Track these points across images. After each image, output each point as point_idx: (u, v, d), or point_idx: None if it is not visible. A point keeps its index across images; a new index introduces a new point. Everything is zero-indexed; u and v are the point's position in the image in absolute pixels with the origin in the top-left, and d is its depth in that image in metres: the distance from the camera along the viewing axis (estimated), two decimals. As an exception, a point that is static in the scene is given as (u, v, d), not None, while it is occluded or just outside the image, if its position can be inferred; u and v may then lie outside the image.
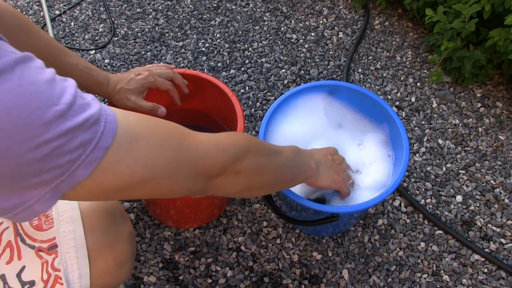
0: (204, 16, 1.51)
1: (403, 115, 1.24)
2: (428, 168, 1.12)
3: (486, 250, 0.98)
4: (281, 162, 0.66)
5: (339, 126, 0.95)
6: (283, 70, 1.34)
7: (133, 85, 0.85)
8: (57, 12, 1.51)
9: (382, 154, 0.90)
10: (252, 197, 0.99)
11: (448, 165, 1.13)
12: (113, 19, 1.50)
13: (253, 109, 1.24)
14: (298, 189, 0.85)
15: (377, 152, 0.90)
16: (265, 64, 1.35)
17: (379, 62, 1.37)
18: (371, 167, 0.89)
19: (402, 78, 1.32)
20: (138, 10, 1.53)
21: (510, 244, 0.99)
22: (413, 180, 1.10)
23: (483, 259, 0.97)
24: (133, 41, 1.42)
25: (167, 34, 1.44)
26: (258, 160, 0.60)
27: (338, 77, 1.33)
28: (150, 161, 0.44)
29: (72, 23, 1.48)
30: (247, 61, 1.37)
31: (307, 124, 0.94)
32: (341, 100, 0.95)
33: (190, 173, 0.50)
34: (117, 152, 0.40)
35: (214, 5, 1.54)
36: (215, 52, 1.39)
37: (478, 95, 1.28)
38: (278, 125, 0.93)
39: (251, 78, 1.32)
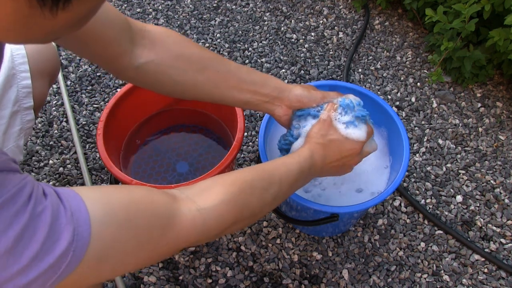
0: (204, 16, 1.51)
1: (403, 115, 1.24)
2: (428, 168, 1.12)
3: (486, 250, 0.98)
4: (272, 203, 0.60)
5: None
6: (283, 70, 1.34)
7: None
8: (57, 12, 1.51)
9: (380, 165, 0.90)
10: None
11: (448, 165, 1.13)
12: (113, 19, 1.50)
13: (253, 109, 1.24)
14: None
15: (374, 162, 0.90)
16: (265, 64, 1.35)
17: (379, 62, 1.37)
18: (366, 176, 0.89)
19: (402, 78, 1.32)
20: (138, 10, 1.53)
21: (510, 244, 0.99)
22: (413, 180, 1.10)
23: (483, 259, 0.97)
24: (133, 41, 1.42)
25: (167, 34, 1.44)
26: (245, 223, 0.57)
27: (338, 77, 1.33)
28: (122, 268, 0.43)
29: (72, 23, 1.48)
30: (247, 61, 1.37)
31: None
32: (341, 100, 0.95)
33: (167, 255, 0.49)
34: (85, 270, 0.39)
35: (214, 5, 1.54)
36: (215, 52, 1.39)
37: (478, 95, 1.28)
38: (278, 125, 0.93)
39: (251, 78, 1.32)
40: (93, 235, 0.39)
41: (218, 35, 1.44)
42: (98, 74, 1.33)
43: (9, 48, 0.76)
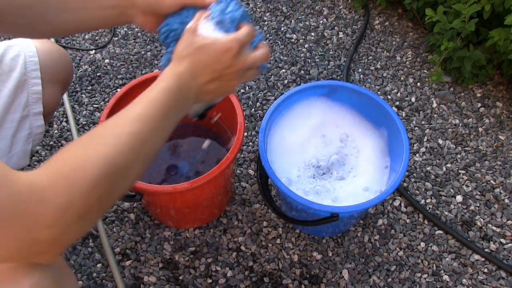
0: (204, 16, 1.50)
1: (403, 115, 1.24)
2: (428, 168, 1.12)
3: (486, 250, 0.98)
4: (138, 143, 0.48)
5: (338, 127, 0.95)
6: (283, 70, 1.34)
7: None
8: (57, 12, 1.51)
9: (380, 165, 0.90)
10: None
11: (448, 165, 1.13)
12: (113, 19, 1.50)
13: (253, 109, 1.24)
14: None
15: (374, 162, 0.90)
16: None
17: (379, 62, 1.37)
18: (366, 176, 0.89)
19: (402, 78, 1.32)
20: (138, 10, 1.53)
21: (510, 244, 0.99)
22: (413, 180, 1.10)
23: (483, 259, 0.97)
24: (133, 41, 1.42)
25: (167, 34, 1.44)
26: (112, 178, 0.45)
27: (338, 77, 1.33)
28: None
29: (72, 23, 1.48)
30: (247, 61, 1.37)
31: (307, 124, 0.94)
32: (341, 100, 0.96)
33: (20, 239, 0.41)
34: None
35: (214, 5, 1.54)
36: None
37: (478, 95, 1.28)
38: (278, 125, 0.93)
39: (251, 78, 1.32)
40: None
41: (218, 35, 1.44)
42: (98, 74, 1.33)
43: (22, 55, 0.78)
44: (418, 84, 1.31)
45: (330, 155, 0.92)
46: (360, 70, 1.34)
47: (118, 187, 0.48)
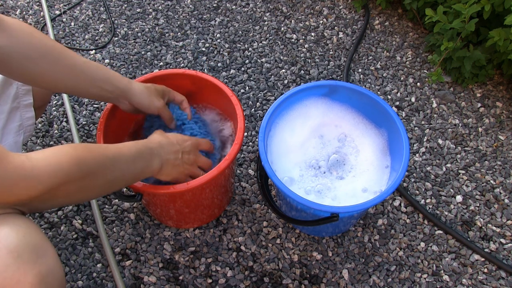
0: (204, 16, 1.51)
1: (403, 115, 1.24)
2: (428, 168, 1.12)
3: (486, 250, 0.98)
4: (113, 177, 0.66)
5: (338, 127, 0.95)
6: (283, 70, 1.34)
7: (160, 88, 0.88)
8: (57, 12, 1.51)
9: (380, 164, 0.90)
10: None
11: (448, 165, 1.13)
12: (113, 19, 1.50)
13: (253, 109, 1.24)
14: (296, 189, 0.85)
15: (374, 161, 0.90)
16: (265, 64, 1.35)
17: (379, 62, 1.37)
18: (366, 176, 0.89)
19: (402, 78, 1.32)
20: (138, 10, 1.53)
21: (510, 244, 0.99)
22: (413, 180, 1.10)
23: (483, 259, 0.97)
24: (133, 41, 1.42)
25: (167, 34, 1.44)
26: (83, 183, 0.60)
27: (338, 77, 1.33)
28: None
29: (72, 23, 1.48)
30: (247, 61, 1.37)
31: (307, 124, 0.94)
32: (341, 100, 0.96)
33: (2, 200, 0.50)
34: None
35: (214, 5, 1.54)
36: (215, 52, 1.39)
37: (478, 95, 1.28)
38: (278, 125, 0.93)
39: (251, 78, 1.32)
40: None
41: (218, 35, 1.44)
42: (98, 74, 1.33)
43: None
44: (418, 84, 1.31)
45: (330, 154, 0.92)
46: (360, 70, 1.35)
47: (83, 187, 0.61)
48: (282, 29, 1.47)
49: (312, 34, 1.45)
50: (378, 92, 1.29)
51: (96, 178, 0.62)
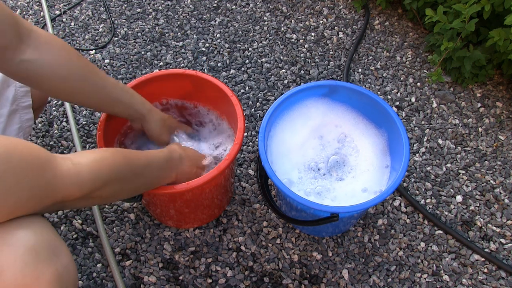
0: (204, 16, 1.51)
1: (403, 115, 1.24)
2: (428, 168, 1.12)
3: (486, 250, 0.98)
4: (141, 183, 0.71)
5: (338, 127, 0.95)
6: (283, 70, 1.34)
7: (174, 123, 0.95)
8: (57, 12, 1.51)
9: (380, 164, 0.90)
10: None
11: (448, 165, 1.13)
12: (113, 19, 1.50)
13: (253, 109, 1.24)
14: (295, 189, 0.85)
15: (374, 161, 0.90)
16: (265, 64, 1.35)
17: (379, 62, 1.37)
18: (366, 176, 0.89)
19: (402, 78, 1.32)
20: (138, 10, 1.53)
21: (510, 244, 0.99)
22: (413, 180, 1.10)
23: (483, 259, 0.97)
24: (133, 41, 1.42)
25: (167, 34, 1.44)
26: (116, 187, 0.65)
27: (338, 77, 1.33)
28: (2, 205, 0.47)
29: (72, 23, 1.48)
30: (247, 61, 1.37)
31: (307, 124, 0.94)
32: (341, 100, 0.96)
33: (41, 204, 0.52)
34: None
35: (214, 5, 1.54)
36: (215, 52, 1.39)
37: (478, 95, 1.28)
38: (278, 125, 0.93)
39: (251, 78, 1.32)
40: None
41: (218, 35, 1.44)
42: (98, 74, 1.33)
43: None
44: (418, 84, 1.31)
45: (329, 156, 0.92)
46: (360, 70, 1.35)
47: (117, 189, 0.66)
48: (282, 29, 1.47)
49: (312, 34, 1.45)
50: (378, 92, 1.29)
51: (128, 184, 0.67)
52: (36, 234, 0.51)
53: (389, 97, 1.28)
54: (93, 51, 1.39)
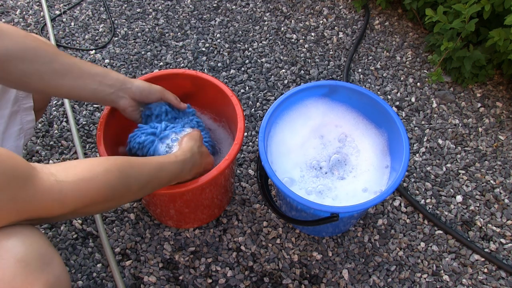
0: (204, 16, 1.51)
1: (403, 115, 1.24)
2: (428, 168, 1.12)
3: (486, 250, 0.98)
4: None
5: (338, 127, 0.95)
6: (283, 70, 1.34)
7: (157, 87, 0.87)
8: (57, 12, 1.51)
9: (380, 164, 0.90)
10: None
11: (448, 165, 1.13)
12: (113, 19, 1.50)
13: (253, 109, 1.24)
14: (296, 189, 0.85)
15: (375, 162, 0.90)
16: (265, 64, 1.35)
17: (379, 62, 1.37)
18: (367, 176, 0.89)
19: (402, 78, 1.32)
20: (138, 10, 1.53)
21: (510, 244, 0.99)
22: (413, 180, 1.10)
23: (483, 259, 0.97)
24: (133, 41, 1.42)
25: (167, 34, 1.44)
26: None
27: (338, 77, 1.33)
28: None
29: (72, 23, 1.48)
30: (247, 61, 1.37)
31: (307, 124, 0.94)
32: (341, 100, 0.96)
33: (22, 217, 0.50)
34: None
35: (214, 5, 1.54)
36: (215, 52, 1.39)
37: (478, 95, 1.28)
38: (278, 125, 0.93)
39: (251, 78, 1.32)
40: None
41: (218, 35, 1.44)
42: (98, 74, 1.33)
43: None
44: (418, 84, 1.31)
45: (331, 155, 0.92)
46: (360, 70, 1.35)
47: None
48: (282, 29, 1.47)
49: (312, 34, 1.45)
50: (378, 92, 1.29)
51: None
52: (25, 244, 0.49)
53: (389, 97, 1.28)
54: (93, 51, 1.39)
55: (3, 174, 0.47)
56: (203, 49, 1.40)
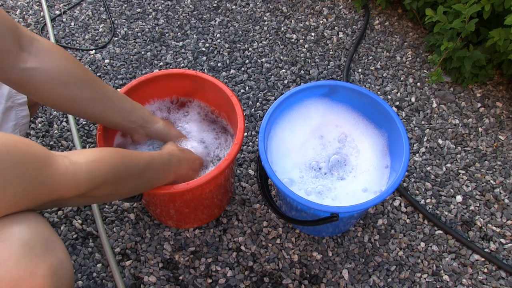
0: (204, 16, 1.51)
1: (403, 115, 1.24)
2: (428, 168, 1.12)
3: (486, 250, 0.98)
4: (139, 183, 0.71)
5: (338, 127, 0.95)
6: (283, 70, 1.34)
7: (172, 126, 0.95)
8: (57, 12, 1.51)
9: (380, 164, 0.90)
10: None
11: (448, 165, 1.13)
12: (113, 19, 1.50)
13: (253, 109, 1.24)
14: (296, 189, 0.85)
15: (375, 162, 0.90)
16: (265, 64, 1.35)
17: (379, 62, 1.37)
18: (366, 176, 0.89)
19: (402, 78, 1.32)
20: (138, 10, 1.53)
21: (510, 244, 0.99)
22: (413, 180, 1.10)
23: (483, 259, 0.97)
24: (133, 41, 1.42)
25: (167, 34, 1.44)
26: (113, 187, 0.65)
27: (338, 77, 1.33)
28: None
29: (72, 23, 1.48)
30: (247, 61, 1.37)
31: (307, 125, 0.94)
32: (341, 100, 0.96)
33: (38, 200, 0.53)
34: None
35: (214, 5, 1.54)
36: (215, 52, 1.39)
37: (478, 95, 1.28)
38: (278, 125, 0.93)
39: (251, 78, 1.32)
40: None
41: (218, 35, 1.44)
42: (98, 74, 1.33)
43: None
44: (418, 84, 1.31)
45: (330, 156, 0.92)
46: (360, 70, 1.35)
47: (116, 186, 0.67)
48: (282, 29, 1.47)
49: (312, 34, 1.45)
50: (378, 92, 1.29)
51: (125, 184, 0.68)
52: (31, 229, 0.51)
53: (389, 97, 1.28)
54: (93, 51, 1.39)
55: (23, 161, 0.49)
56: (203, 49, 1.40)
